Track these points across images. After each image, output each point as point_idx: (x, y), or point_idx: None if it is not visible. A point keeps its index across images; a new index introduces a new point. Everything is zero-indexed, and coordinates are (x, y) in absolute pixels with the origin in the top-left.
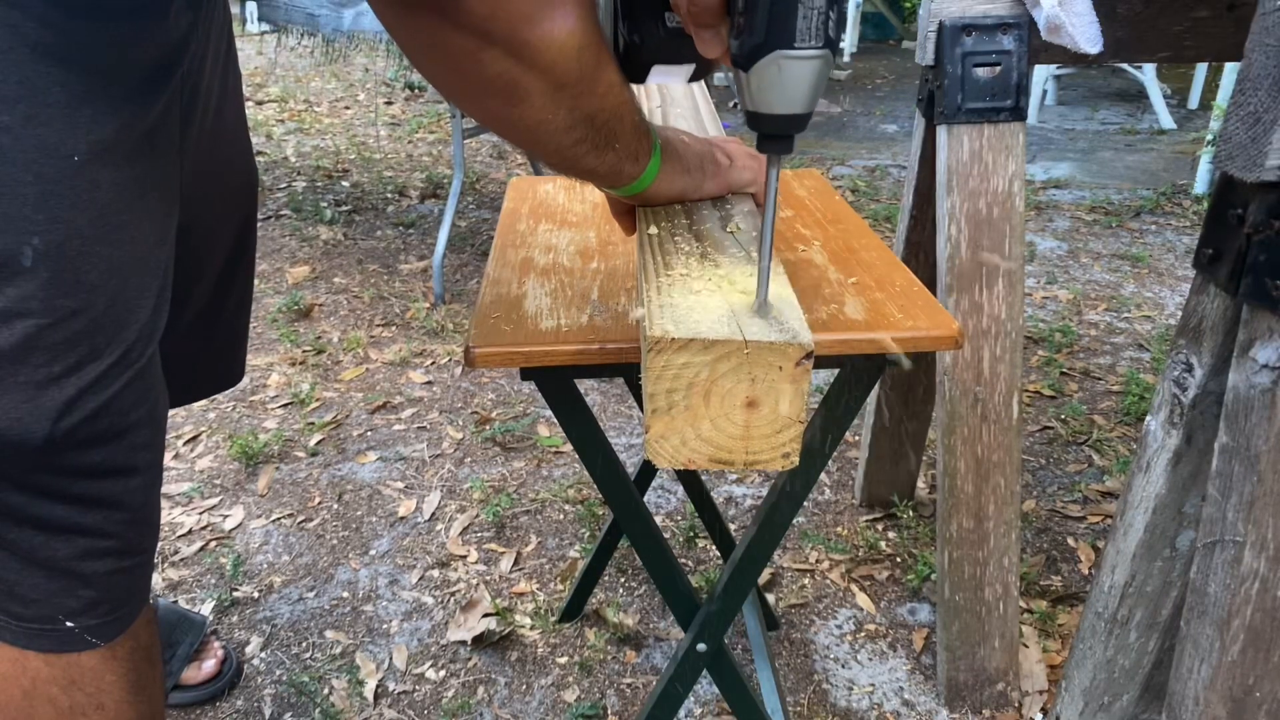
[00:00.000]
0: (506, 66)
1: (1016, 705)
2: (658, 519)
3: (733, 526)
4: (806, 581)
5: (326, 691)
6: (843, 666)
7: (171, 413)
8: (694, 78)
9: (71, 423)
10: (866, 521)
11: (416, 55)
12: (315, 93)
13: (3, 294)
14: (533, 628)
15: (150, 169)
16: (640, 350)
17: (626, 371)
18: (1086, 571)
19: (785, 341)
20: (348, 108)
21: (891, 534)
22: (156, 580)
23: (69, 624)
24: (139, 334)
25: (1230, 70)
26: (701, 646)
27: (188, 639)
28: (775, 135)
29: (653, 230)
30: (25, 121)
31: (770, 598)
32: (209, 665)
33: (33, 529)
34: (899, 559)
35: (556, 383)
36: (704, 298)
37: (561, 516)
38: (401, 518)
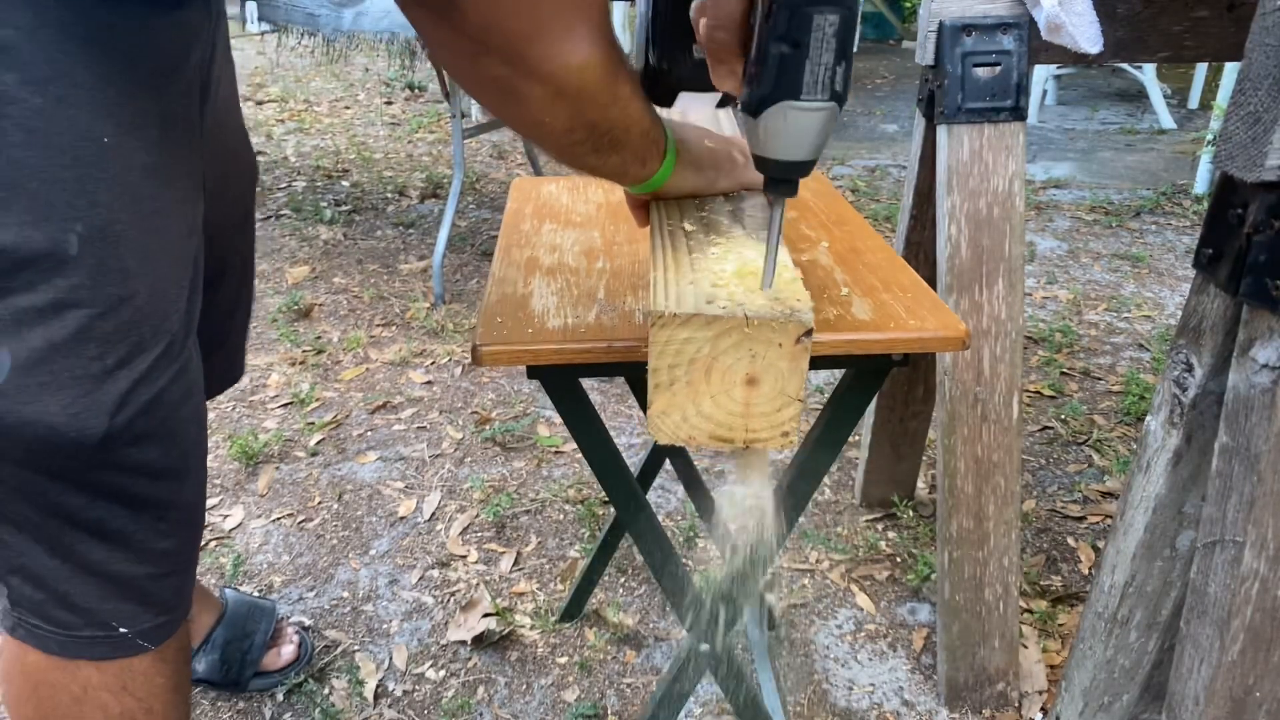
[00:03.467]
0: (504, 72)
1: (1016, 705)
2: (658, 518)
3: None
4: (806, 581)
5: (326, 691)
6: (843, 666)
7: None
8: (720, 104)
9: (127, 416)
10: (866, 521)
11: (426, 43)
12: (315, 93)
13: (52, 284)
14: (533, 628)
15: (174, 157)
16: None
17: (633, 370)
18: (1086, 571)
19: (785, 318)
20: (348, 108)
21: (891, 534)
22: None
23: (123, 630)
24: (179, 325)
25: (1230, 70)
26: (704, 647)
27: (261, 626)
28: (780, 179)
29: (665, 219)
30: (57, 103)
31: (770, 598)
32: (288, 650)
33: (88, 533)
34: (899, 559)
35: (562, 381)
36: (709, 277)
37: (561, 516)
38: (401, 518)
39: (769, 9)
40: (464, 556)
